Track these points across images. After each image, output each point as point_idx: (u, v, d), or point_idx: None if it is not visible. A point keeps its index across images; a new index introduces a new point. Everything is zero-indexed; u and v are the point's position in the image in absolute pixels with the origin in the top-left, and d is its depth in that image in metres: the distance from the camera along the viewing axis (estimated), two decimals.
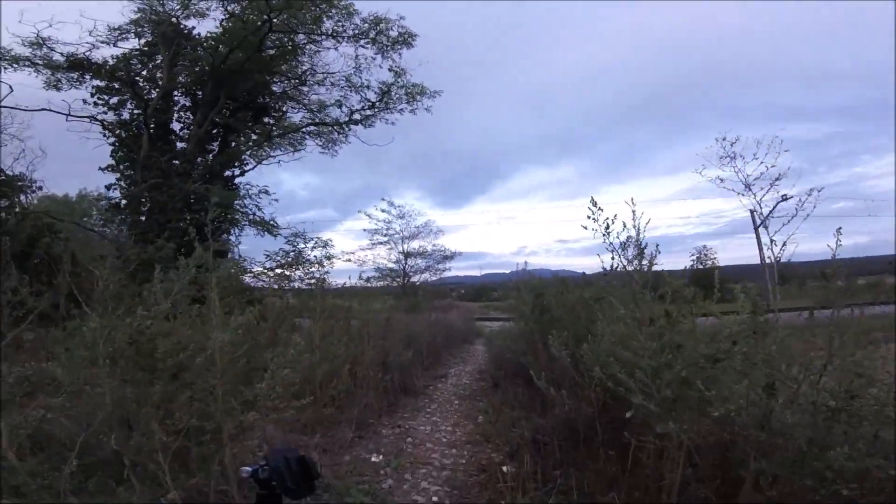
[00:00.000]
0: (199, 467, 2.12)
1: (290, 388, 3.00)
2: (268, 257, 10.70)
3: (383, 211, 21.24)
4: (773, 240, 2.40)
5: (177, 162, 11.05)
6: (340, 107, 13.44)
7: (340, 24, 11.59)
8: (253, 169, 13.04)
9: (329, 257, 11.22)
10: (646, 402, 1.93)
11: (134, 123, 11.54)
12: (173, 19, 11.22)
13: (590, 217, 2.54)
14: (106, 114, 11.27)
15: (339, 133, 13.53)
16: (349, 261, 20.13)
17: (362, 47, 12.45)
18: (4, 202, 8.72)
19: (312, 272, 10.70)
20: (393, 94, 13.19)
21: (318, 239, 11.52)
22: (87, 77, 11.13)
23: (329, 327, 4.41)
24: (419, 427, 4.68)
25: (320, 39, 12.27)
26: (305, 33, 11.98)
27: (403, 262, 22.16)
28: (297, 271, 10.77)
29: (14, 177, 8.75)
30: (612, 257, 2.56)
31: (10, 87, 9.29)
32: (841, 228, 1.87)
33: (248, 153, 12.86)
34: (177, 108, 12.41)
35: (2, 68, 9.90)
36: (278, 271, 10.80)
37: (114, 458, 2.09)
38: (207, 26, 11.70)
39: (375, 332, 5.35)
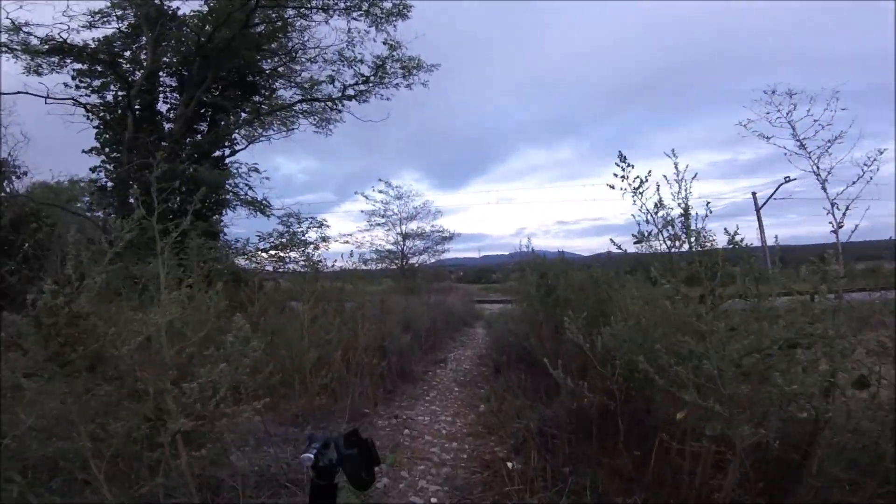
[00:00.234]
0: (150, 475, 1.78)
1: (270, 377, 2.66)
2: (260, 238, 10.24)
3: (381, 192, 20.80)
4: (834, 205, 1.98)
5: (165, 143, 10.62)
6: (333, 82, 12.84)
7: None
8: (245, 149, 12.55)
9: (324, 238, 10.74)
10: (704, 399, 1.56)
11: (119, 105, 11.09)
12: (156, 0, 10.65)
13: (619, 175, 2.14)
14: (89, 96, 10.83)
15: (332, 109, 12.96)
16: (346, 242, 19.76)
17: (355, 20, 11.79)
18: None
19: (308, 253, 10.27)
20: (388, 67, 12.58)
21: (314, 219, 11.02)
22: (68, 61, 10.66)
23: (321, 310, 4.05)
24: (417, 417, 4.36)
25: (310, 13, 11.63)
26: (294, 7, 11.33)
27: (402, 243, 21.81)
28: (292, 252, 10.33)
29: None
30: (648, 221, 2.15)
31: None
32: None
33: (239, 132, 12.36)
34: (163, 89, 11.96)
35: None
36: (272, 252, 10.36)
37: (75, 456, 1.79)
38: (192, 5, 11.10)
39: (371, 315, 5.00)
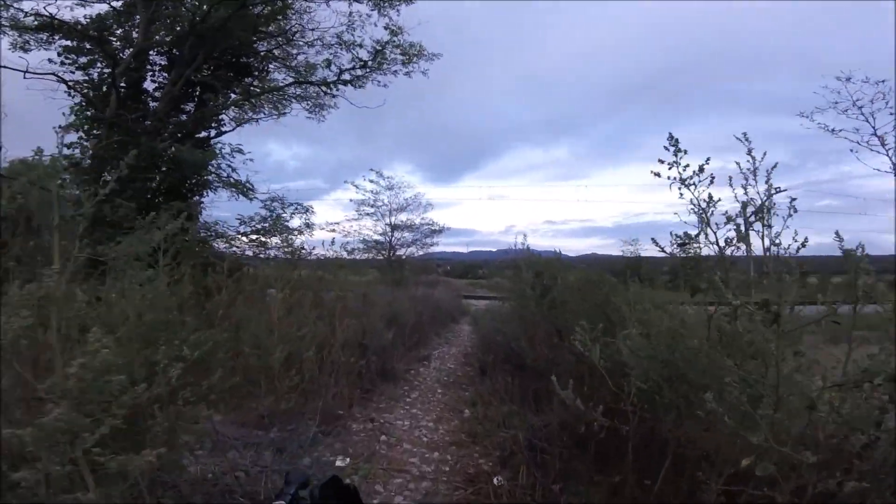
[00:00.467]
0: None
1: (224, 380, 2.33)
2: (241, 222, 9.74)
3: (371, 181, 20.39)
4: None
5: (149, 122, 10.11)
6: (329, 66, 12.34)
7: None
8: (232, 131, 12.01)
9: (309, 225, 10.28)
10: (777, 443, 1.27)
11: (104, 83, 10.56)
12: None
13: (668, 163, 1.82)
14: (73, 73, 10.28)
15: (326, 93, 12.46)
16: (333, 231, 19.31)
17: (357, 1, 11.37)
18: None
19: (291, 239, 9.83)
20: (387, 53, 12.13)
21: (299, 205, 10.55)
22: (57, 37, 10.09)
23: (295, 301, 3.71)
24: (396, 421, 4.06)
25: None
26: None
27: (390, 234, 21.45)
28: (275, 238, 9.87)
29: None
30: (704, 219, 1.83)
31: None
32: None
33: (227, 114, 11.83)
34: (152, 68, 11.43)
35: None
36: (253, 237, 9.89)
37: None
38: None
39: (352, 308, 4.67)
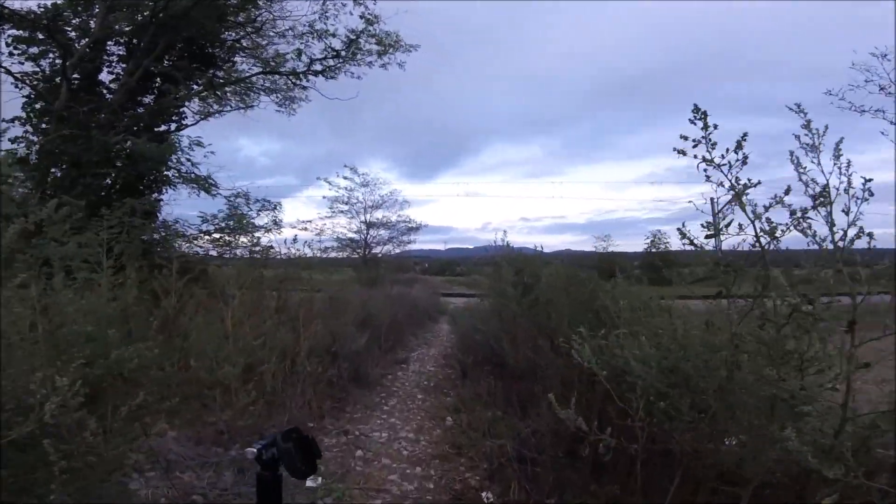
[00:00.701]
0: None
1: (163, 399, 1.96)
2: (203, 220, 9.10)
3: (345, 178, 19.88)
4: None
5: (102, 115, 9.35)
6: (300, 56, 11.75)
7: None
8: (195, 124, 11.25)
9: (276, 222, 9.72)
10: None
11: (56, 74, 9.76)
12: None
13: (696, 141, 1.56)
14: (22, 64, 9.43)
15: (295, 84, 11.87)
16: (305, 229, 18.66)
17: None
18: None
19: (258, 238, 9.25)
20: (362, 43, 11.63)
21: (266, 201, 9.97)
22: (7, 27, 9.23)
23: (253, 306, 3.31)
24: (373, 433, 3.71)
25: None
26: None
27: (365, 232, 20.97)
28: (240, 237, 9.27)
29: None
30: (741, 203, 1.56)
31: None
32: None
33: (189, 106, 11.09)
34: (109, 58, 10.64)
35: None
36: (217, 236, 9.27)
37: None
38: None
39: (320, 311, 4.29)
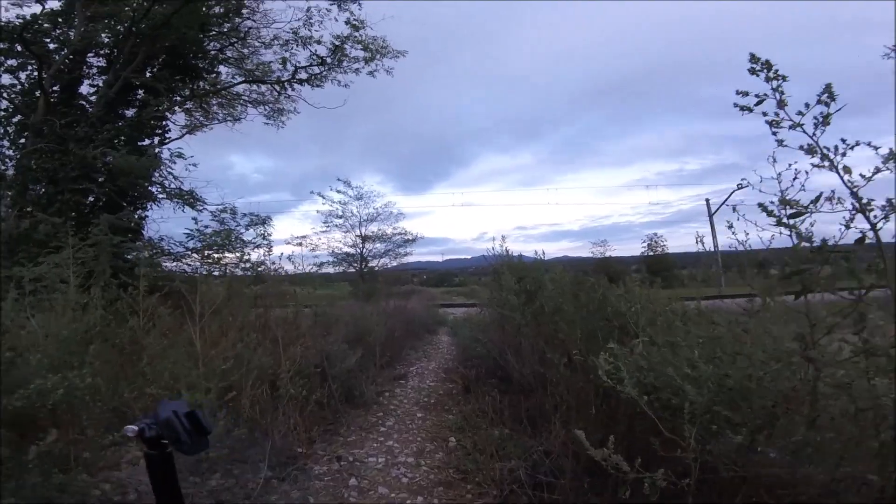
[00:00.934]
0: None
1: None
2: (188, 236, 8.78)
3: (339, 192, 19.70)
4: None
5: (82, 128, 9.07)
6: (285, 64, 11.54)
7: None
8: (180, 138, 10.98)
9: (264, 236, 9.40)
10: None
11: (35, 87, 9.56)
12: None
13: (758, 95, 1.32)
14: None
15: (279, 92, 11.66)
16: (300, 245, 18.44)
17: None
18: None
19: (248, 254, 8.92)
20: (347, 49, 11.44)
21: (254, 216, 9.67)
22: None
23: (228, 325, 3.00)
24: (368, 458, 3.36)
25: None
26: None
27: (361, 245, 20.68)
28: (228, 253, 8.93)
29: None
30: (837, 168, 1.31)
31: None
32: None
33: (173, 120, 10.85)
34: (90, 70, 10.45)
35: None
36: (206, 253, 8.93)
37: None
38: None
39: (307, 329, 3.97)
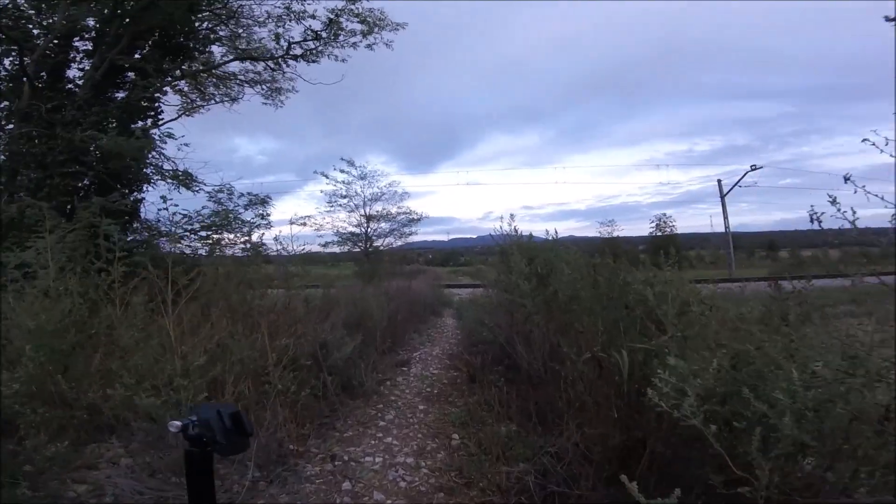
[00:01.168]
0: None
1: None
2: (185, 218, 8.47)
3: (343, 171, 19.26)
4: None
5: (69, 112, 8.72)
6: (278, 40, 10.99)
7: None
8: (175, 119, 10.57)
9: (263, 216, 9.07)
10: None
11: (19, 73, 9.18)
12: None
13: None
14: None
15: (273, 69, 11.14)
16: (304, 224, 18.12)
17: None
18: None
19: (248, 233, 8.63)
20: (343, 22, 10.85)
21: (253, 195, 9.32)
22: None
23: (205, 313, 2.71)
24: (365, 458, 3.11)
25: None
26: None
27: (365, 225, 20.35)
28: (227, 234, 8.63)
29: None
30: None
31: None
32: None
33: (165, 101, 10.42)
34: (76, 54, 10.04)
35: None
36: (203, 234, 8.65)
37: None
38: None
39: (301, 315, 3.69)
